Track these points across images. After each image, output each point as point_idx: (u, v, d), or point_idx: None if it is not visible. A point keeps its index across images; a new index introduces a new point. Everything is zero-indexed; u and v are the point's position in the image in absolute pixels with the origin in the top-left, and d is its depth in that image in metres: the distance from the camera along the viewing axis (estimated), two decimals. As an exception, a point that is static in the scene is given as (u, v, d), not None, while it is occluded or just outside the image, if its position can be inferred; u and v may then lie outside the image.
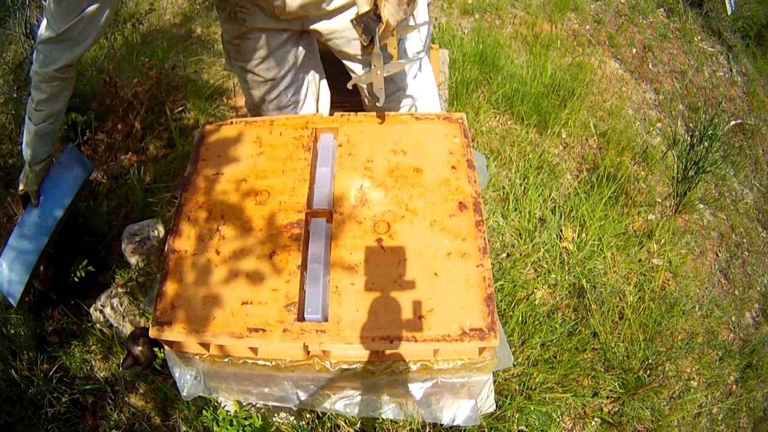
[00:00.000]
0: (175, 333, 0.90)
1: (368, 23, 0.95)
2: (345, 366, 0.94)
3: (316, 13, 1.22)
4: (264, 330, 0.89)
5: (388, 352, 0.92)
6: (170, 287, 0.95)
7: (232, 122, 1.19)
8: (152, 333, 0.91)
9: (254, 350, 0.94)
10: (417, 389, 1.00)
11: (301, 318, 0.92)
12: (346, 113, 1.19)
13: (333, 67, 1.47)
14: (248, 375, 0.99)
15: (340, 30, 1.26)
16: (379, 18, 0.95)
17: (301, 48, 1.36)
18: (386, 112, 1.18)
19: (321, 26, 1.25)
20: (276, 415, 1.36)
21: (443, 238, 0.97)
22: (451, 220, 1.00)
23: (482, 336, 0.87)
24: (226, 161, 1.12)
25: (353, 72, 1.37)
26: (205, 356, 0.96)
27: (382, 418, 1.36)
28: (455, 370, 0.96)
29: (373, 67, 1.02)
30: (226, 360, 0.96)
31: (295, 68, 1.38)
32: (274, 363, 0.95)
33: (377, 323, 0.89)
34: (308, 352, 0.93)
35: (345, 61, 1.37)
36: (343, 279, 0.94)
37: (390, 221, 1.00)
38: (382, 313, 0.90)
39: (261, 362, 0.95)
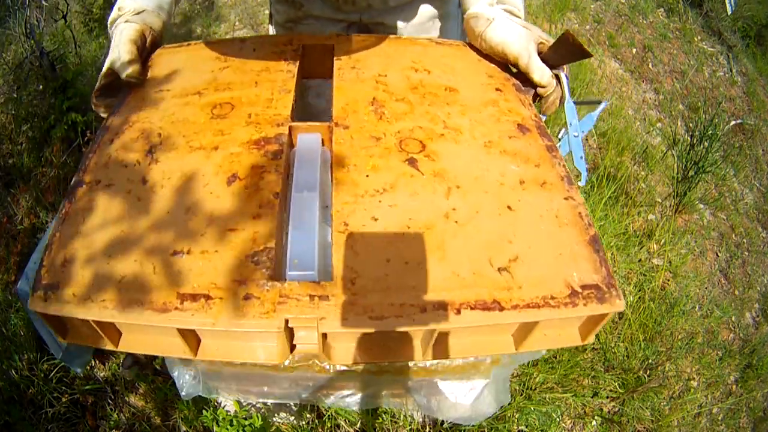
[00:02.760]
0: (61, 304, 0.56)
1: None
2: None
3: (380, 7, 1.19)
4: (207, 297, 0.54)
5: (447, 328, 0.56)
6: (67, 233, 0.62)
7: (189, 44, 0.97)
8: (31, 304, 0.57)
9: (187, 338, 0.58)
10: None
11: (279, 275, 0.59)
12: (344, 34, 0.96)
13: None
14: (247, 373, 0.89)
15: (401, 27, 1.24)
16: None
17: None
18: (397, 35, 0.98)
19: (384, 19, 1.23)
20: (276, 415, 1.35)
21: (508, 163, 0.72)
22: (512, 142, 0.76)
23: (601, 296, 0.58)
24: (176, 78, 0.86)
25: None
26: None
27: (382, 418, 1.36)
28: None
29: (569, 128, 0.84)
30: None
31: None
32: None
33: (423, 281, 0.56)
34: (291, 336, 0.59)
35: None
36: (356, 213, 0.63)
37: (423, 139, 0.74)
38: (433, 266, 0.58)
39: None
